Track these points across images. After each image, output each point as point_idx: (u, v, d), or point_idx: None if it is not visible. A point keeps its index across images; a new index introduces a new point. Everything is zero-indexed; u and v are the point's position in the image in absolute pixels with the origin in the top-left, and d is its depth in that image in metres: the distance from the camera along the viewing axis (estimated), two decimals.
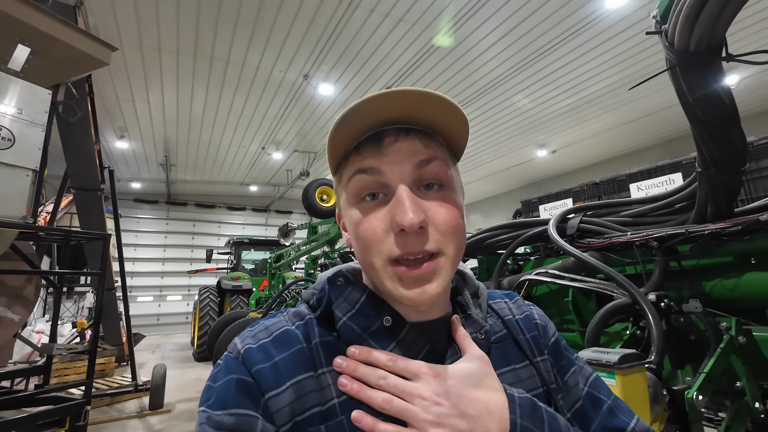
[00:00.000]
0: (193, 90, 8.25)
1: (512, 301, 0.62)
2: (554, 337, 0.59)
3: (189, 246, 15.48)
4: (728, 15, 0.85)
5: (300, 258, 6.57)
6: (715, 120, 1.07)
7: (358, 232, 0.47)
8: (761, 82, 7.73)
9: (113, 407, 5.09)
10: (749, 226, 1.10)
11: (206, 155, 11.95)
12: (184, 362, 8.48)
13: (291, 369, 0.44)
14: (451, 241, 0.46)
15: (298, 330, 0.49)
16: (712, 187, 1.21)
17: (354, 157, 0.48)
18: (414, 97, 0.44)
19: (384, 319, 0.48)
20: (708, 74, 0.99)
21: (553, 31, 6.53)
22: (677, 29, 0.94)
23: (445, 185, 0.48)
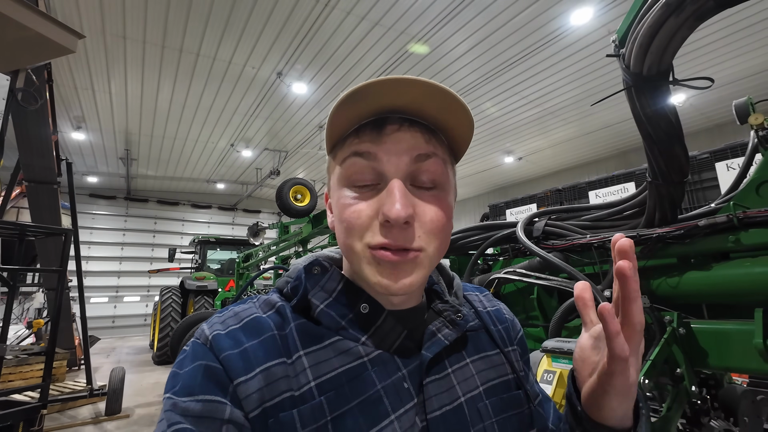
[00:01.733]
0: (160, 82, 7.93)
1: (483, 294, 0.65)
2: (521, 332, 0.64)
3: (149, 245, 14.78)
4: (674, 45, 0.98)
5: (270, 258, 6.47)
6: (663, 136, 1.21)
7: (344, 215, 0.46)
8: (704, 102, 8.44)
9: (65, 414, 4.80)
10: (689, 231, 1.24)
11: (171, 150, 11.48)
12: (143, 366, 8.10)
13: (260, 356, 0.43)
14: (434, 241, 0.45)
15: (269, 318, 0.47)
16: (660, 195, 1.36)
17: (352, 139, 0.47)
18: (424, 88, 0.43)
19: (361, 306, 0.49)
20: (657, 96, 1.12)
21: (521, 44, 6.84)
22: (632, 55, 1.06)
23: (439, 185, 0.47)
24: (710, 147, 3.88)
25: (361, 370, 0.45)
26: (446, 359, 0.51)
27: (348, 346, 0.46)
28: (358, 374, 0.45)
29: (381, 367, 0.46)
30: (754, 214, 1.15)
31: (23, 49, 2.47)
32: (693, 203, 3.85)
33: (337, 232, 0.49)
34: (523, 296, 1.82)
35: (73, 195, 4.70)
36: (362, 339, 0.47)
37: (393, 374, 0.46)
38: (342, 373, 0.44)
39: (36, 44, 2.49)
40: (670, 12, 0.90)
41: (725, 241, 1.23)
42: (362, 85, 0.42)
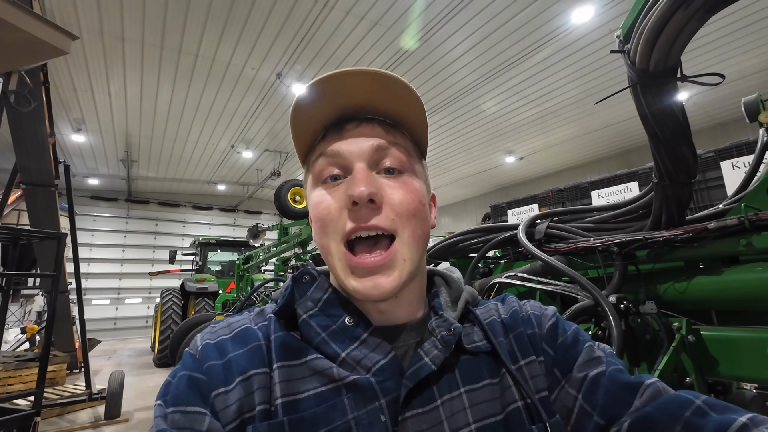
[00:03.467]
0: (159, 83, 7.91)
1: (504, 302, 0.57)
2: (552, 320, 0.53)
3: (151, 246, 14.77)
4: (683, 40, 0.93)
5: (270, 260, 6.43)
6: (670, 135, 1.16)
7: (315, 213, 0.47)
8: (707, 100, 8.37)
9: (64, 418, 4.76)
10: (698, 234, 1.19)
11: (171, 152, 11.47)
12: (143, 368, 8.07)
13: (242, 366, 0.42)
14: (407, 224, 0.44)
15: (260, 329, 0.47)
16: (666, 197, 1.31)
17: (320, 144, 0.49)
18: (370, 78, 0.44)
19: (346, 318, 0.46)
20: (664, 93, 1.07)
21: (521, 43, 6.80)
22: (638, 51, 1.01)
23: (406, 171, 0.48)
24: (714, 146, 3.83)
25: (334, 396, 0.41)
26: (435, 386, 0.44)
27: (324, 366, 0.43)
28: (329, 399, 0.41)
29: (356, 394, 0.41)
30: (767, 217, 1.10)
31: (15, 50, 2.44)
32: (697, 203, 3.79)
33: (314, 235, 0.48)
34: None
35: (71, 197, 4.67)
36: (342, 355, 0.43)
37: (369, 403, 0.41)
38: (312, 396, 0.41)
39: (29, 46, 2.45)
40: (678, 4, 0.85)
41: (736, 245, 1.17)
42: (308, 84, 0.44)
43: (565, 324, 0.53)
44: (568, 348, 0.50)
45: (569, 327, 0.53)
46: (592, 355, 0.48)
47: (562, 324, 0.53)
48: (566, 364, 0.48)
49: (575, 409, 0.46)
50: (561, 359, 0.49)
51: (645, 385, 0.44)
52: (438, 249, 2.09)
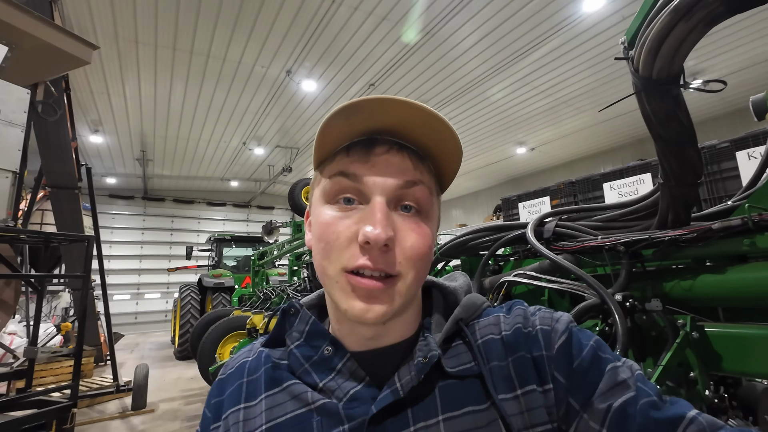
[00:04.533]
0: (172, 84, 8.06)
1: (510, 312, 0.51)
2: (563, 338, 0.45)
3: (167, 243, 15.14)
4: (685, 50, 0.96)
5: (284, 255, 6.56)
6: (675, 138, 1.19)
7: (322, 234, 0.45)
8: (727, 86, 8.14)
9: (94, 408, 5.01)
10: (702, 234, 1.22)
11: (185, 150, 11.69)
12: (165, 361, 8.37)
13: (228, 405, 0.49)
14: (413, 268, 0.43)
15: (250, 363, 0.52)
16: (673, 197, 1.34)
17: (341, 157, 0.46)
18: (413, 111, 0.42)
19: (325, 348, 0.48)
20: (668, 99, 1.10)
21: (532, 33, 6.71)
22: (641, 59, 1.04)
23: (423, 212, 0.46)
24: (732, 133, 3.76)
25: (307, 418, 0.44)
26: (410, 411, 0.43)
27: (300, 391, 0.46)
28: (303, 421, 0.44)
29: (325, 418, 0.44)
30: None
31: (41, 62, 2.56)
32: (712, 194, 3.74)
33: (313, 252, 0.47)
34: (534, 298, 1.82)
35: (93, 199, 4.85)
36: (321, 384, 0.46)
37: (334, 428, 0.43)
38: (290, 419, 0.45)
39: (53, 57, 2.57)
40: (679, 17, 0.88)
41: (740, 245, 1.20)
42: (351, 102, 0.42)
43: (581, 339, 0.45)
44: (585, 372, 0.43)
45: (586, 343, 0.45)
46: (616, 379, 0.42)
47: (577, 341, 0.45)
48: (585, 392, 0.42)
49: None
50: (577, 386, 0.42)
51: (686, 422, 0.38)
52: (449, 247, 2.15)
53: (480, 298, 0.54)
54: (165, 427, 4.31)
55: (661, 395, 0.42)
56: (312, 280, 4.02)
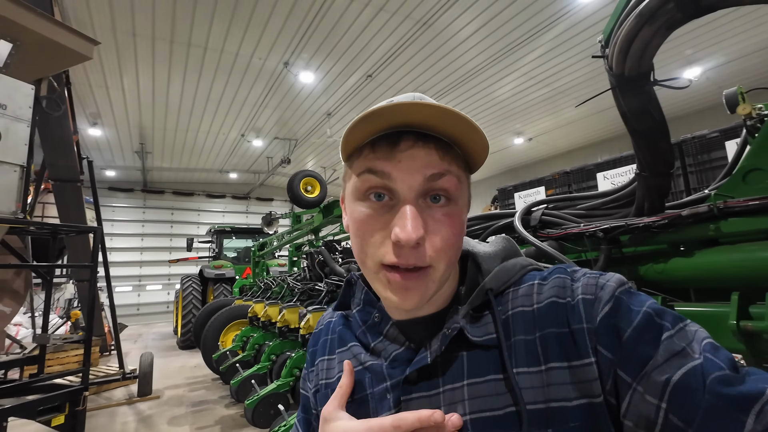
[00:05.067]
0: (170, 76, 8.07)
1: (547, 280, 0.49)
2: (607, 307, 0.42)
3: (168, 235, 15.25)
4: (651, 51, 1.04)
5: (284, 246, 6.67)
6: (648, 132, 1.28)
7: (357, 231, 0.48)
8: (721, 75, 8.17)
9: (101, 396, 5.16)
10: (673, 220, 1.32)
11: (184, 142, 11.72)
12: (168, 351, 8.53)
13: (319, 353, 0.63)
14: (444, 257, 0.45)
15: (330, 324, 0.65)
16: (648, 186, 1.43)
17: (367, 152, 0.47)
18: (439, 111, 0.42)
19: (374, 315, 0.56)
20: (640, 95, 1.19)
21: (530, 22, 6.72)
22: (614, 57, 1.12)
23: (453, 201, 0.47)
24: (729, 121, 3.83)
25: (362, 374, 0.54)
26: (441, 375, 0.48)
27: (357, 351, 0.56)
28: (360, 375, 0.54)
29: (374, 375, 0.52)
30: (733, 204, 1.22)
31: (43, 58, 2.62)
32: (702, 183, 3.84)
33: (352, 243, 0.51)
34: None
35: (95, 192, 4.93)
36: (372, 345, 0.54)
37: (380, 384, 0.51)
38: None
39: (55, 53, 2.63)
40: (643, 21, 0.96)
41: (707, 230, 1.30)
42: (376, 108, 0.43)
43: (632, 306, 0.42)
44: (636, 342, 0.39)
45: (637, 310, 0.41)
46: (674, 348, 0.38)
47: (626, 309, 0.42)
48: (637, 364, 0.39)
49: (659, 422, 0.36)
50: (627, 358, 0.39)
51: (764, 400, 0.33)
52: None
53: (517, 264, 0.53)
54: (171, 412, 4.45)
55: (736, 365, 0.37)
56: (311, 270, 4.12)
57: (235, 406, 4.47)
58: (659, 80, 1.14)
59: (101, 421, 4.29)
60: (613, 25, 1.15)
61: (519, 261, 0.54)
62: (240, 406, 4.32)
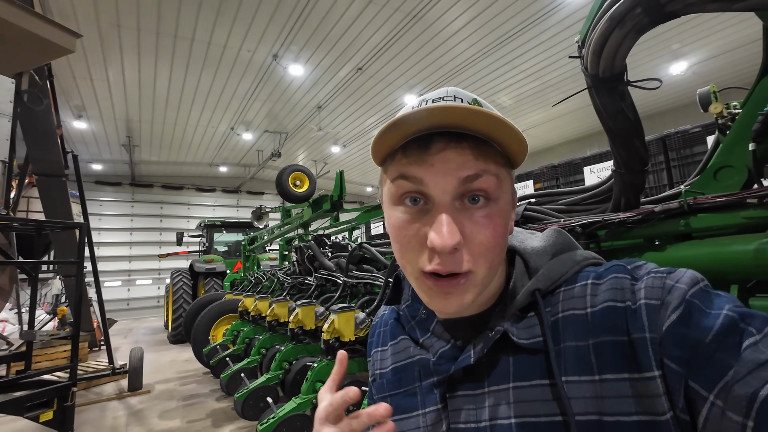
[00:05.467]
0: (156, 68, 7.94)
1: (602, 279, 0.45)
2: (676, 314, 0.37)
3: (157, 229, 15.09)
4: (622, 53, 1.07)
5: (274, 240, 6.66)
6: (623, 131, 1.32)
7: (395, 237, 0.47)
8: (707, 69, 8.30)
9: (91, 391, 5.15)
10: (647, 216, 1.37)
11: (172, 136, 11.57)
12: (159, 345, 8.51)
13: (375, 344, 0.66)
14: (485, 261, 0.44)
15: (384, 317, 0.68)
16: (624, 183, 1.47)
17: (400, 157, 0.45)
18: (469, 112, 0.41)
19: (421, 311, 0.57)
20: (614, 96, 1.22)
21: (519, 16, 6.74)
22: (589, 59, 1.16)
23: (492, 200, 0.44)
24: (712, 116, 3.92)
25: (411, 367, 0.56)
26: (486, 375, 0.48)
27: (406, 345, 0.59)
28: (408, 369, 0.56)
29: (423, 368, 0.54)
30: (703, 201, 1.27)
31: (25, 52, 2.57)
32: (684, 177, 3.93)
33: (393, 247, 0.49)
34: None
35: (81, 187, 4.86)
36: (421, 340, 0.56)
37: (428, 377, 0.53)
38: (401, 366, 0.58)
39: (36, 46, 2.58)
40: (614, 25, 0.99)
41: (678, 225, 1.35)
42: (402, 115, 0.41)
43: (708, 310, 0.37)
44: (713, 352, 0.35)
45: (716, 313, 0.36)
46: (759, 357, 0.33)
47: (699, 315, 0.37)
48: (713, 376, 0.34)
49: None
50: (700, 370, 0.35)
51: None
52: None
53: (569, 260, 0.49)
54: (162, 406, 4.47)
55: None
56: (301, 264, 4.14)
57: (225, 400, 4.50)
58: (632, 81, 1.17)
59: (91, 415, 4.29)
60: (588, 27, 1.18)
61: (571, 256, 0.50)
62: (230, 400, 4.35)
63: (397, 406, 0.54)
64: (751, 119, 1.29)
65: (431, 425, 0.50)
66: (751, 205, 1.20)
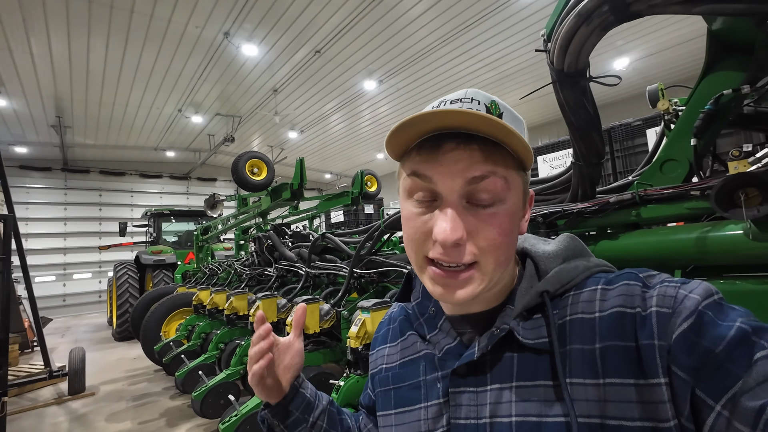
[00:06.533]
0: (90, 41, 7.17)
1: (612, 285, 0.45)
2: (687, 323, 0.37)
3: (96, 218, 13.90)
4: (587, 49, 1.10)
5: (230, 230, 6.38)
6: (583, 124, 1.37)
7: (405, 228, 0.50)
8: (647, 65, 8.92)
9: (24, 397, 4.71)
10: (602, 206, 1.44)
11: (111, 117, 10.60)
12: (103, 343, 7.95)
13: (380, 341, 0.68)
14: (490, 256, 0.45)
15: (393, 315, 0.69)
16: (582, 174, 1.54)
17: (414, 155, 0.47)
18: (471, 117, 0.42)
19: (430, 308, 0.59)
20: (577, 90, 1.26)
21: (478, 5, 6.81)
22: (555, 53, 1.18)
23: (499, 201, 0.45)
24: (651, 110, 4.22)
25: (417, 362, 0.58)
26: (489, 373, 0.48)
27: (414, 341, 0.60)
28: (415, 363, 0.58)
29: (427, 363, 0.56)
30: (652, 192, 1.36)
31: None
32: (626, 167, 4.22)
33: (403, 236, 0.52)
34: None
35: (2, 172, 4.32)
36: (428, 336, 0.57)
37: (432, 372, 0.55)
38: (409, 360, 0.60)
39: None
40: (581, 22, 1.01)
41: (630, 215, 1.44)
42: (411, 117, 0.43)
43: (719, 321, 0.36)
44: (721, 362, 0.35)
45: (728, 325, 0.36)
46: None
47: (710, 325, 0.36)
48: (721, 386, 0.34)
49: None
50: (707, 379, 0.35)
51: None
52: (393, 221, 2.27)
53: (579, 266, 0.50)
54: (110, 408, 4.19)
55: None
56: (260, 254, 4.00)
57: (180, 398, 4.31)
58: (594, 77, 1.21)
59: (26, 424, 3.93)
60: (555, 21, 1.20)
61: (582, 262, 0.50)
62: (186, 398, 4.16)
63: (402, 398, 0.57)
64: (693, 116, 1.38)
65: (432, 418, 0.52)
66: (693, 197, 1.30)
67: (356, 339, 1.72)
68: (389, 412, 0.59)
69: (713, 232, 1.18)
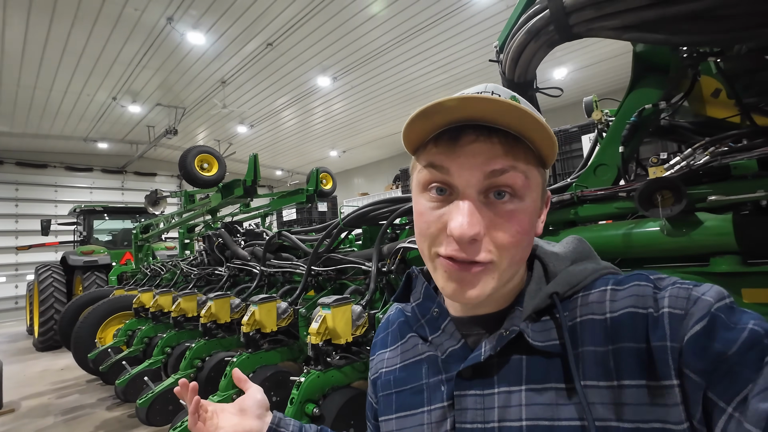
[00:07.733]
0: (5, 16, 6.38)
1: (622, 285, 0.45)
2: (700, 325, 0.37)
3: (12, 215, 12.38)
4: (535, 63, 1.21)
5: (173, 228, 6.02)
6: None
7: (417, 222, 0.48)
8: (582, 76, 9.70)
9: None
10: None
11: (30, 102, 9.50)
12: (23, 354, 7.15)
13: (379, 346, 0.67)
14: (506, 254, 0.44)
15: (391, 317, 0.68)
16: None
17: (431, 146, 0.46)
18: (498, 105, 0.40)
19: (433, 310, 0.55)
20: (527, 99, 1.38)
21: (432, 8, 7.00)
22: (507, 64, 1.28)
23: (518, 196, 0.44)
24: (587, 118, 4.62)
25: (419, 365, 0.56)
26: (497, 375, 0.47)
27: (415, 343, 0.59)
28: (416, 366, 0.56)
29: (430, 366, 0.54)
30: (587, 193, 1.52)
31: None
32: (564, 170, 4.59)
33: (415, 231, 0.50)
34: None
35: None
36: (430, 338, 0.55)
37: (435, 375, 0.53)
38: (411, 363, 0.58)
39: None
40: (531, 38, 1.11)
41: (569, 214, 1.59)
42: (434, 103, 0.41)
43: (732, 324, 0.37)
44: (732, 366, 0.35)
45: (741, 327, 0.36)
46: None
47: (723, 328, 0.37)
48: (733, 389, 0.35)
49: None
50: (719, 382, 0.35)
51: None
52: (352, 218, 2.31)
53: (588, 267, 0.49)
54: (34, 425, 3.79)
55: None
56: (210, 253, 3.84)
57: (121, 407, 4.01)
58: (540, 88, 1.34)
59: None
60: (507, 35, 1.30)
61: (591, 264, 0.50)
62: (128, 407, 3.89)
63: (403, 402, 0.56)
64: (621, 126, 1.56)
65: (435, 423, 0.50)
66: (621, 198, 1.48)
67: (317, 335, 1.73)
68: (390, 416, 0.57)
69: (636, 228, 1.35)
